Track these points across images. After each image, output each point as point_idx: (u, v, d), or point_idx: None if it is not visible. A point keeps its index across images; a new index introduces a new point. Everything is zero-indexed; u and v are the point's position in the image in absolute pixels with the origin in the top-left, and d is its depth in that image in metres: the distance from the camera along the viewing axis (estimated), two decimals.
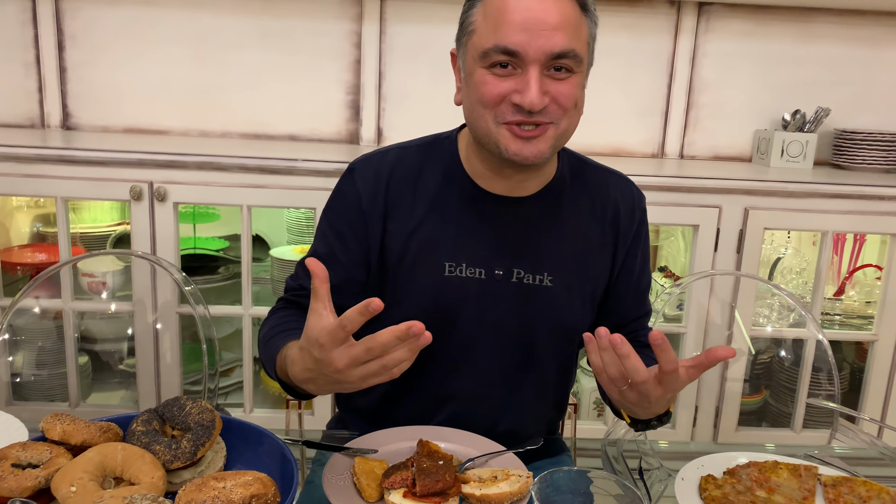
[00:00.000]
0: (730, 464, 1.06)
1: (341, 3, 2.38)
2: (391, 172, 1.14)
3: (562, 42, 0.98)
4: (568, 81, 1.01)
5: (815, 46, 2.45)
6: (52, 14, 2.36)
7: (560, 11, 0.98)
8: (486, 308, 1.13)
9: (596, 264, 1.18)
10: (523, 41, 0.97)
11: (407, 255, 1.13)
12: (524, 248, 1.13)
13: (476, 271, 1.12)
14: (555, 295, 1.13)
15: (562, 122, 1.04)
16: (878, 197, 2.06)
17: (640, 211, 1.23)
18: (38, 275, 1.54)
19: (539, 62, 0.98)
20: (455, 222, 1.12)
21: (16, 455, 0.87)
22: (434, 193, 1.13)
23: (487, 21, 1.00)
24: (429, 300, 1.12)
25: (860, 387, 2.22)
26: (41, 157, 1.95)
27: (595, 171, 1.23)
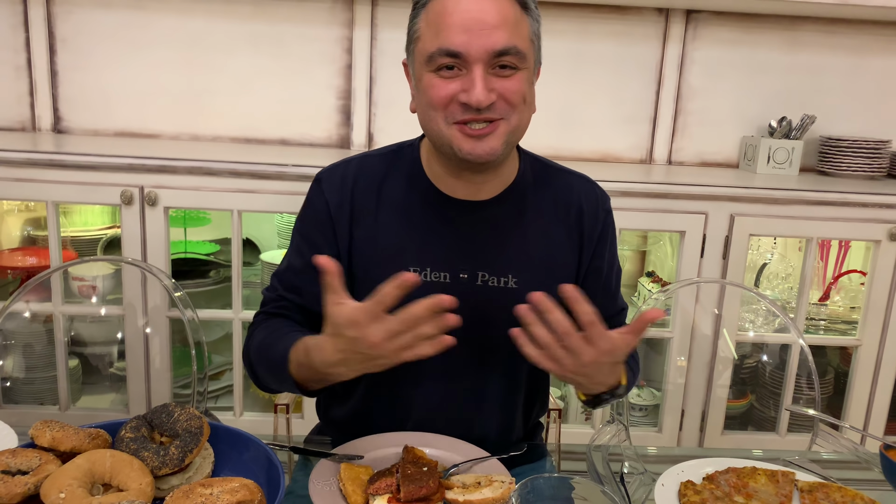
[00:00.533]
0: (709, 469, 1.08)
1: (332, 8, 2.39)
2: (356, 180, 1.17)
3: (502, 39, 1.01)
4: (513, 78, 1.04)
5: (801, 54, 2.48)
6: (43, 17, 2.36)
7: (498, 11, 1.01)
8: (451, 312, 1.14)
9: (561, 265, 1.20)
10: (464, 42, 1.01)
11: (373, 260, 1.15)
12: (488, 251, 1.15)
13: (441, 275, 1.14)
14: (520, 296, 1.12)
15: (512, 118, 1.06)
16: (862, 204, 2.09)
17: (603, 211, 1.24)
18: (30, 280, 1.54)
19: (482, 61, 1.01)
20: (419, 227, 1.15)
21: (5, 462, 0.88)
22: (398, 200, 1.16)
23: (430, 26, 1.03)
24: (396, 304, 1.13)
25: (844, 391, 2.25)
26: (32, 161, 1.95)
27: (558, 173, 1.25)
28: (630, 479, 1.16)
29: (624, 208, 2.05)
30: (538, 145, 2.47)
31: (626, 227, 2.10)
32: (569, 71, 2.47)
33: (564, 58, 2.46)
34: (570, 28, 2.44)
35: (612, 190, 2.02)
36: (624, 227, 2.09)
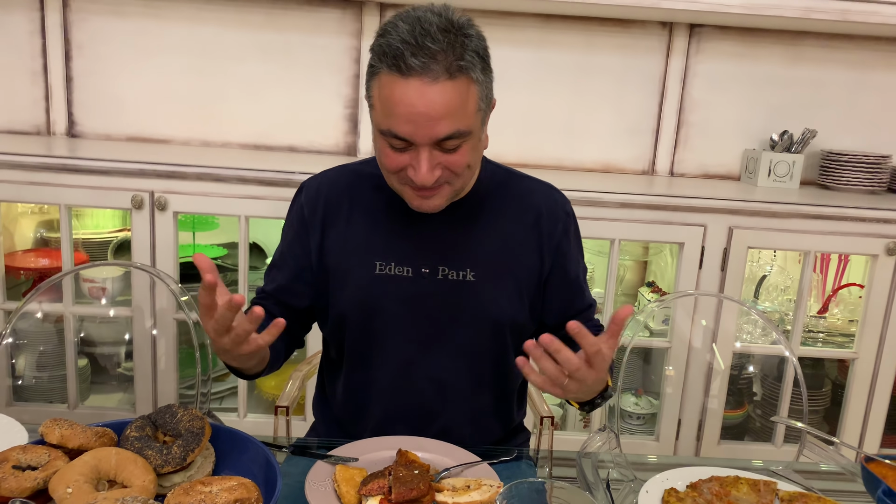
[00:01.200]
0: (693, 478, 1.11)
1: (341, 18, 2.44)
2: (330, 187, 1.30)
3: (446, 128, 1.07)
4: (458, 152, 1.11)
5: (802, 69, 2.51)
6: (59, 24, 2.42)
7: (443, 103, 1.05)
8: (414, 303, 1.24)
9: (519, 261, 1.27)
10: (410, 131, 1.07)
11: (343, 255, 1.27)
12: (447, 248, 1.24)
13: (404, 269, 1.24)
14: (478, 288, 1.24)
15: (456, 182, 1.16)
16: (860, 218, 2.12)
17: (563, 213, 1.31)
18: (42, 282, 1.60)
19: (427, 145, 1.08)
20: (385, 228, 1.26)
21: (16, 457, 0.93)
22: (367, 203, 1.27)
23: (380, 104, 1.09)
24: (362, 295, 1.25)
25: (842, 403, 2.27)
26: (46, 165, 2.01)
27: (520, 180, 1.33)
28: (620, 487, 1.20)
29: (624, 219, 2.08)
30: (542, 156, 2.54)
31: (625, 238, 2.14)
32: (573, 82, 2.51)
33: (569, 70, 2.50)
34: (574, 40, 2.47)
35: (612, 201, 2.07)
36: (623, 238, 2.13)
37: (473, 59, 1.07)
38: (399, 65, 1.04)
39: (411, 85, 1.04)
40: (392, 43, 1.04)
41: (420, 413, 1.30)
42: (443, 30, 1.05)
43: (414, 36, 1.03)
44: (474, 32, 1.09)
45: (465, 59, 1.06)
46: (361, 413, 1.33)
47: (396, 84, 1.05)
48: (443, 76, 1.04)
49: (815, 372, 2.45)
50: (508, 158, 2.50)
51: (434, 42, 1.03)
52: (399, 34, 1.04)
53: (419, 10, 1.08)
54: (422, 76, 1.03)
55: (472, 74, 1.07)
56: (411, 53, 1.03)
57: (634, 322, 1.65)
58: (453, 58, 1.04)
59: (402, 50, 1.03)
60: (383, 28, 1.08)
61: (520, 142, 2.51)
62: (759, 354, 2.39)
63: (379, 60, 1.07)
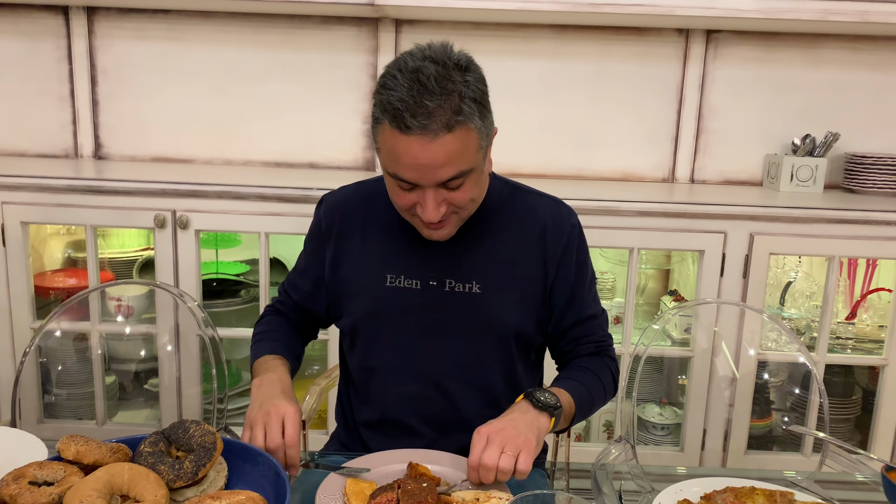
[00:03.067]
0: (708, 489, 1.09)
1: (358, 36, 2.47)
2: (347, 203, 1.36)
3: (448, 173, 1.11)
4: (462, 189, 1.15)
5: (823, 71, 2.47)
6: (85, 50, 2.49)
7: (444, 152, 1.08)
8: (423, 314, 1.28)
9: (524, 273, 1.30)
10: (415, 177, 1.12)
11: (357, 267, 1.32)
12: (454, 262, 1.28)
13: (413, 282, 1.28)
14: (484, 300, 1.27)
15: (462, 213, 1.21)
16: (886, 222, 2.08)
17: (568, 226, 1.32)
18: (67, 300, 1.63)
19: (432, 187, 1.13)
20: (397, 242, 1.30)
21: (33, 473, 0.95)
22: (380, 218, 1.32)
23: (385, 151, 1.13)
24: (374, 306, 1.30)
25: (872, 410, 2.22)
26: (72, 187, 2.06)
27: (526, 195, 1.35)
28: (637, 498, 1.18)
29: (643, 228, 2.07)
30: (560, 167, 2.54)
31: (644, 247, 2.12)
32: (590, 92, 2.51)
33: (586, 79, 2.50)
34: (590, 50, 2.47)
35: (630, 210, 2.06)
36: (642, 247, 2.11)
37: (471, 108, 1.09)
38: (400, 124, 1.07)
39: (413, 141, 1.07)
40: (391, 101, 1.07)
41: (429, 422, 1.32)
42: (441, 80, 1.06)
43: (412, 95, 1.05)
44: (472, 78, 1.11)
45: (463, 112, 1.08)
46: (374, 421, 1.36)
47: (398, 138, 1.08)
48: (442, 132, 1.07)
49: (844, 379, 2.40)
50: (526, 170, 2.50)
51: (431, 98, 1.05)
52: (399, 91, 1.06)
53: (417, 58, 1.09)
54: (422, 135, 1.06)
55: (470, 124, 1.10)
56: (410, 114, 1.05)
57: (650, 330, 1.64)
58: (451, 113, 1.07)
59: (401, 111, 1.06)
60: (383, 80, 1.10)
61: (538, 153, 2.52)
62: (784, 362, 2.35)
63: (381, 113, 1.10)
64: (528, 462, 1.07)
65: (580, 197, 2.00)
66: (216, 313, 2.31)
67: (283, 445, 1.10)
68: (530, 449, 1.08)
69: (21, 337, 2.12)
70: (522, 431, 1.09)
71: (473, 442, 1.08)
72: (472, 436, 1.09)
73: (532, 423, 1.12)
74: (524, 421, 1.11)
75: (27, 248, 2.10)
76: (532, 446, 1.08)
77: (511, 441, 1.07)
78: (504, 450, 1.06)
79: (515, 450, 1.06)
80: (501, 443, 1.07)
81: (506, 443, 1.07)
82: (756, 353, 2.11)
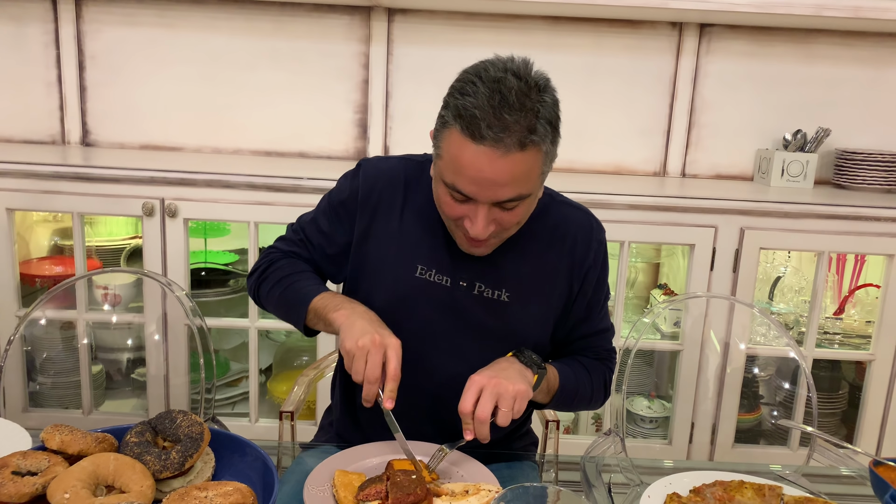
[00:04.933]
0: (697, 482, 1.09)
1: (350, 25, 2.45)
2: (391, 178, 1.29)
3: (508, 193, 1.08)
4: (514, 211, 1.12)
5: (816, 67, 2.47)
6: (73, 35, 2.46)
7: (510, 171, 1.06)
8: (448, 312, 1.26)
9: (551, 286, 1.28)
10: (474, 191, 1.08)
11: (389, 248, 1.27)
12: (487, 267, 1.25)
13: (444, 279, 1.25)
14: (511, 309, 1.26)
15: (504, 235, 1.18)
16: (875, 218, 2.08)
17: (596, 242, 1.32)
18: (52, 288, 1.61)
19: (487, 205, 1.10)
20: (433, 233, 1.26)
21: (16, 463, 0.94)
22: (421, 205, 1.27)
23: (448, 158, 1.09)
24: (401, 293, 1.26)
25: (858, 405, 2.24)
26: (59, 174, 2.04)
27: (560, 206, 1.33)
28: (625, 491, 1.18)
29: (634, 221, 2.07)
30: None
31: (635, 240, 2.12)
32: (583, 84, 2.50)
33: (578, 71, 2.49)
34: (583, 42, 2.46)
35: (622, 203, 2.06)
36: (633, 240, 2.11)
37: (545, 129, 1.07)
38: (473, 132, 1.04)
39: (482, 152, 1.04)
40: (468, 107, 1.04)
41: (432, 416, 1.29)
42: (521, 95, 1.04)
43: (493, 105, 1.03)
44: (549, 98, 1.09)
45: (538, 133, 1.05)
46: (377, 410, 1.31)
47: (467, 147, 1.05)
48: (514, 149, 1.04)
49: (831, 374, 2.41)
50: None
51: (510, 112, 1.03)
52: (477, 98, 1.04)
53: (499, 69, 1.06)
54: (494, 147, 1.04)
55: (541, 146, 1.07)
56: (487, 125, 1.03)
57: (641, 324, 1.64)
58: (527, 131, 1.04)
59: (478, 118, 1.03)
60: (461, 84, 1.07)
61: None
62: (772, 357, 2.36)
63: (453, 118, 1.07)
64: (522, 409, 1.09)
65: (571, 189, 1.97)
66: (204, 303, 2.30)
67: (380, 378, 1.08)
68: (523, 395, 1.08)
69: (6, 325, 2.10)
70: (514, 378, 1.10)
71: (465, 389, 1.08)
72: (466, 383, 1.08)
73: (521, 372, 1.13)
74: (514, 369, 1.12)
75: (13, 235, 2.08)
76: (524, 393, 1.09)
77: (506, 391, 1.07)
78: (499, 403, 1.06)
79: (510, 401, 1.07)
80: (495, 393, 1.07)
81: (500, 392, 1.07)
82: (745, 348, 2.12)
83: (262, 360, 2.42)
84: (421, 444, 1.17)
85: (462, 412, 1.07)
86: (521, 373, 1.12)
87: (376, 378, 1.08)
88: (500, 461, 1.27)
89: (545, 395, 1.24)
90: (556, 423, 1.42)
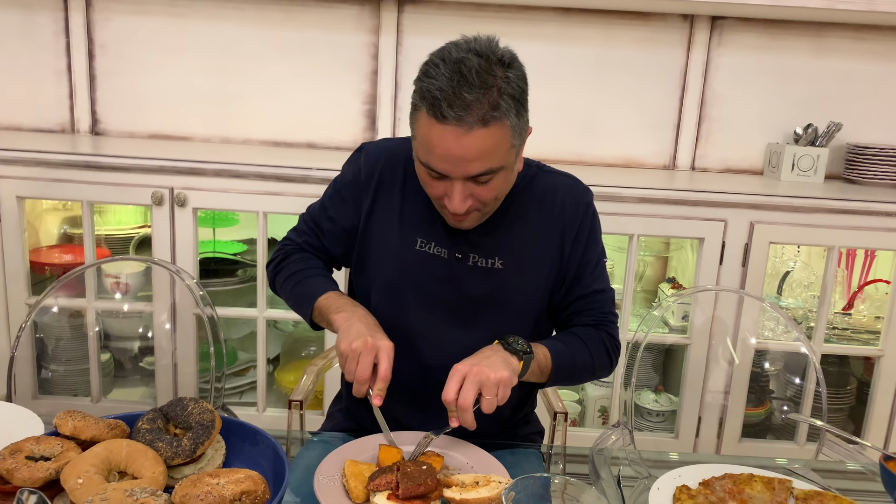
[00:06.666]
0: (706, 475, 1.09)
1: (359, 15, 2.45)
2: (389, 157, 1.34)
3: (478, 168, 1.12)
4: (489, 185, 1.16)
5: (828, 61, 2.46)
6: (83, 24, 2.46)
7: (476, 147, 1.09)
8: (447, 283, 1.30)
9: (542, 253, 1.32)
10: (446, 168, 1.13)
11: (391, 225, 1.32)
12: (480, 238, 1.30)
13: (441, 251, 1.30)
14: (505, 275, 1.30)
15: (486, 209, 1.22)
16: (886, 213, 2.07)
17: (584, 204, 1.35)
18: (62, 276, 1.62)
19: (461, 180, 1.14)
20: (430, 208, 1.29)
21: (30, 448, 0.94)
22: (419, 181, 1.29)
23: (420, 139, 1.14)
24: (399, 265, 1.31)
25: (866, 401, 2.23)
26: (69, 162, 2.04)
27: (547, 175, 1.37)
28: (633, 484, 1.19)
29: (643, 214, 2.06)
30: (562, 151, 2.53)
31: (644, 234, 2.12)
32: (593, 77, 2.49)
33: (589, 64, 2.48)
34: (594, 34, 2.45)
35: (631, 196, 2.05)
36: (642, 234, 2.11)
37: (508, 104, 1.10)
38: (437, 113, 1.08)
39: (448, 131, 1.08)
40: (431, 89, 1.08)
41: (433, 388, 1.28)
42: (482, 73, 1.07)
43: (452, 85, 1.06)
44: (513, 74, 1.11)
45: (500, 108, 1.09)
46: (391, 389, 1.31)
47: (434, 127, 1.09)
48: (477, 125, 1.08)
49: (840, 369, 2.41)
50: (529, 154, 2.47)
51: (471, 90, 1.06)
52: (438, 80, 1.07)
53: (462, 49, 1.09)
54: (457, 126, 1.07)
55: (505, 121, 1.10)
56: (448, 104, 1.06)
57: (649, 317, 1.63)
58: (488, 107, 1.07)
59: (439, 99, 1.07)
60: (425, 67, 1.11)
61: (540, 137, 2.47)
62: (781, 351, 2.35)
63: (420, 100, 1.11)
64: (506, 396, 1.11)
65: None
66: (213, 292, 2.30)
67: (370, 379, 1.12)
68: (506, 382, 1.11)
69: (17, 312, 2.11)
70: (496, 366, 1.12)
71: (448, 378, 1.10)
72: (449, 373, 1.11)
73: (505, 360, 1.14)
74: (498, 357, 1.14)
75: (23, 224, 2.08)
76: (506, 380, 1.11)
77: (488, 379, 1.09)
78: (482, 391, 1.09)
79: (493, 388, 1.09)
80: (477, 381, 1.09)
81: (482, 381, 1.09)
82: (755, 342, 2.11)
83: (270, 349, 2.42)
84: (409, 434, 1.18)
85: (445, 400, 1.10)
86: (505, 360, 1.14)
87: (365, 379, 1.12)
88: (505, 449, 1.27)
89: (539, 377, 1.26)
90: (564, 416, 1.42)
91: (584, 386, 2.51)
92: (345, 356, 1.14)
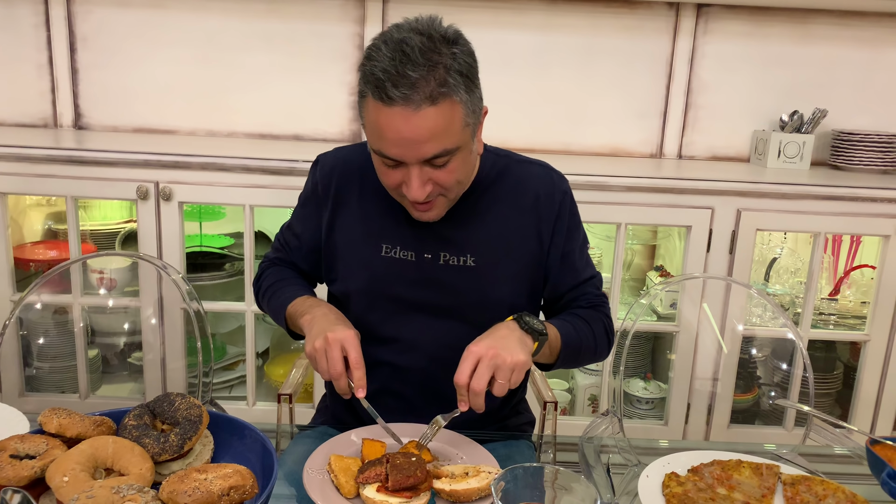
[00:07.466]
0: (695, 462, 1.10)
1: (344, 6, 2.43)
2: (344, 166, 1.33)
3: (432, 149, 1.09)
4: (447, 168, 1.13)
5: (813, 47, 2.46)
6: (64, 16, 2.43)
7: (427, 127, 1.06)
8: (417, 286, 1.28)
9: (519, 245, 1.29)
10: (398, 153, 1.09)
11: (354, 234, 1.31)
12: (449, 235, 1.27)
13: (408, 254, 1.28)
14: (478, 273, 1.27)
15: (449, 194, 1.19)
16: (871, 199, 2.09)
17: (560, 193, 1.32)
18: (47, 272, 1.61)
19: (417, 163, 1.11)
20: (393, 211, 1.27)
21: (14, 446, 0.93)
22: (378, 186, 1.25)
23: (370, 125, 1.10)
24: (368, 274, 1.29)
25: (853, 385, 2.25)
26: (52, 157, 2.02)
27: (518, 164, 1.33)
28: (623, 471, 1.19)
29: (630, 203, 2.07)
30: (549, 140, 2.52)
31: (632, 222, 2.12)
32: (579, 65, 2.48)
33: (575, 52, 2.47)
34: (580, 23, 2.45)
35: (618, 185, 2.05)
36: (630, 222, 2.11)
37: (456, 80, 1.07)
38: (382, 95, 1.04)
39: (396, 112, 1.05)
40: (374, 71, 1.05)
41: (425, 394, 1.31)
42: (425, 51, 1.04)
43: (395, 64, 1.03)
44: (459, 51, 1.08)
45: (448, 85, 1.05)
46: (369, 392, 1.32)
47: (381, 111, 1.06)
48: (425, 103, 1.04)
49: (826, 355, 2.42)
50: (515, 143, 2.48)
51: (415, 69, 1.03)
52: (381, 62, 1.04)
53: (403, 29, 1.07)
54: (404, 106, 1.04)
55: (454, 97, 1.07)
56: (392, 84, 1.03)
57: (638, 305, 1.64)
58: (435, 84, 1.04)
59: (382, 80, 1.03)
60: (368, 51, 1.08)
61: (527, 126, 2.49)
62: (768, 337, 2.36)
63: (364, 85, 1.08)
64: (520, 380, 1.08)
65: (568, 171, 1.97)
66: (200, 287, 2.29)
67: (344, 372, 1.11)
68: (522, 366, 1.08)
69: (1, 309, 2.09)
70: (513, 348, 1.08)
71: (462, 360, 1.07)
72: (463, 354, 1.08)
73: (521, 340, 1.11)
74: (514, 338, 1.11)
75: (6, 220, 2.06)
76: (522, 364, 1.08)
77: (504, 363, 1.06)
78: (496, 374, 1.06)
79: (508, 372, 1.06)
80: (493, 365, 1.06)
81: (498, 364, 1.06)
82: (742, 329, 2.12)
83: (259, 343, 2.42)
84: (405, 426, 1.17)
85: (458, 383, 1.07)
86: (522, 341, 1.11)
87: (339, 373, 1.10)
88: (497, 441, 1.27)
89: (548, 358, 1.24)
90: (554, 405, 1.42)
91: (574, 374, 2.52)
92: (312, 358, 1.13)
